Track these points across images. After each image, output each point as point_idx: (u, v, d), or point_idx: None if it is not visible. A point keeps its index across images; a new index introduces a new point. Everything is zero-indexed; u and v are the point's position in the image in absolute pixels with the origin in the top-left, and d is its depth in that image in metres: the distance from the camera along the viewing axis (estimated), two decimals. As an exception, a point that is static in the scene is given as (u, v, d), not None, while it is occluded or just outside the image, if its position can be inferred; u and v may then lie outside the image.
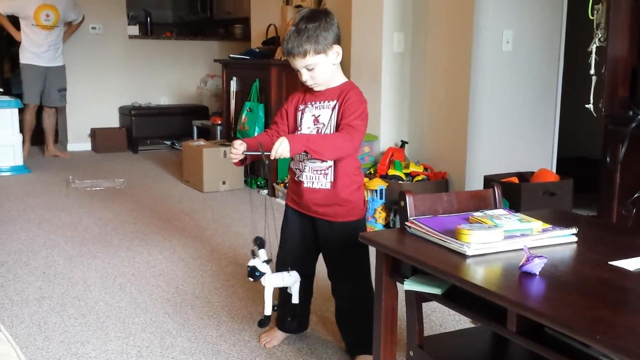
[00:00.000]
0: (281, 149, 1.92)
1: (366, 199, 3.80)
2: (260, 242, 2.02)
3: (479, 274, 1.39)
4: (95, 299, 2.86)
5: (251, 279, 2.03)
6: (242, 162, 2.15)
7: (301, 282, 2.32)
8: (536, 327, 1.28)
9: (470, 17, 3.82)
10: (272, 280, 2.05)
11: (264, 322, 2.10)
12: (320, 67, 2.05)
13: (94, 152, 7.13)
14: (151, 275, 3.17)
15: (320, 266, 2.35)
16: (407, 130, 4.41)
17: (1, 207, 4.52)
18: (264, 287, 2.06)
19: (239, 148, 2.08)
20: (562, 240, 1.57)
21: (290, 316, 2.34)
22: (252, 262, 2.01)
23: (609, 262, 1.42)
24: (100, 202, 4.70)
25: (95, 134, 7.15)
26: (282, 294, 2.22)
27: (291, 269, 2.12)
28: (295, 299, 2.14)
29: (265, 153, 1.98)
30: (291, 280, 2.10)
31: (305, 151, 1.96)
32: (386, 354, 1.75)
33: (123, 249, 3.59)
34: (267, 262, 2.01)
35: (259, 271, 2.00)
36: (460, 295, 1.49)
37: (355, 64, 4.46)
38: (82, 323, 2.60)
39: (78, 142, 7.24)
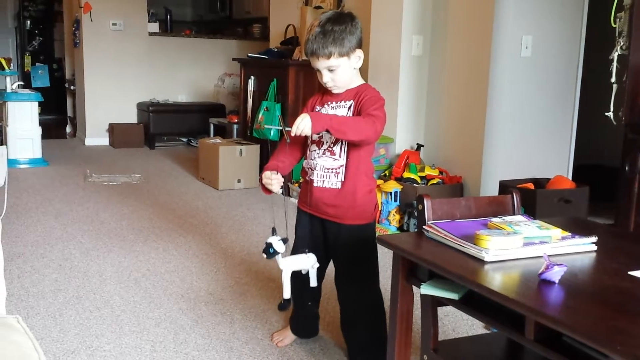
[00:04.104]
0: (302, 124, 1.88)
1: (378, 203, 3.79)
2: (275, 233, 1.99)
3: (497, 280, 1.38)
4: (111, 292, 2.89)
5: (264, 255, 1.98)
6: (270, 191, 2.13)
7: (309, 287, 2.30)
8: (554, 335, 1.27)
9: (489, 22, 3.81)
10: (290, 264, 2.02)
11: (284, 305, 2.05)
12: (341, 70, 2.05)
13: (111, 147, 7.19)
14: (166, 270, 3.19)
15: (332, 268, 2.35)
16: (423, 133, 4.40)
17: (19, 199, 4.57)
18: (281, 270, 2.02)
19: (273, 178, 2.07)
20: (582, 249, 1.56)
21: (310, 300, 2.30)
22: (269, 239, 1.97)
23: (629, 272, 1.42)
24: (116, 196, 4.74)
25: (113, 129, 7.21)
26: (297, 283, 2.14)
27: (309, 251, 2.07)
28: (313, 282, 2.08)
29: (286, 129, 1.96)
30: (309, 263, 2.05)
31: (327, 130, 1.91)
32: (400, 358, 1.74)
33: (138, 243, 3.62)
34: (284, 240, 1.96)
35: (274, 249, 1.95)
36: (476, 301, 1.49)
37: (373, 66, 4.46)
38: (97, 316, 2.63)
39: (96, 137, 7.31)
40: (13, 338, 1.36)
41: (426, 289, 1.58)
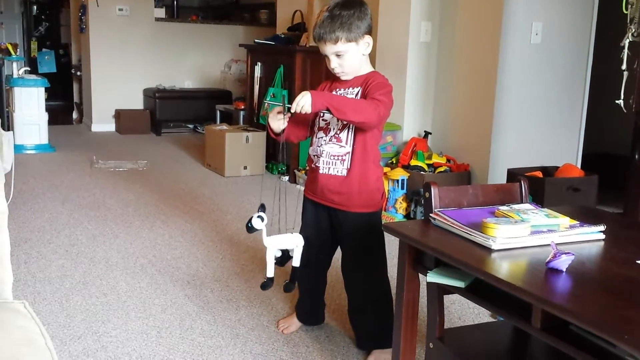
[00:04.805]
0: (303, 101, 1.88)
1: (385, 191, 3.78)
2: (263, 209, 1.94)
3: (504, 268, 1.37)
4: (117, 278, 2.90)
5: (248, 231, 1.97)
6: (278, 135, 2.09)
7: (315, 275, 2.29)
8: (561, 324, 1.26)
9: (499, 8, 3.77)
10: (273, 242, 1.98)
11: (266, 284, 2.02)
12: (349, 56, 2.03)
13: (117, 133, 7.19)
14: (172, 257, 3.20)
15: (339, 255, 2.34)
16: (431, 120, 4.38)
17: (26, 185, 4.58)
18: (265, 247, 1.99)
19: (278, 115, 2.04)
20: (590, 237, 1.54)
21: (289, 277, 2.27)
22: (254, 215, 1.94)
23: (637, 261, 1.40)
24: (122, 182, 4.75)
25: (119, 115, 7.21)
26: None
27: (300, 231, 2.04)
28: (295, 262, 2.03)
29: (287, 105, 1.96)
30: (293, 242, 2.01)
31: (327, 108, 1.90)
32: (406, 345, 1.74)
33: (145, 230, 3.62)
34: (261, 218, 1.91)
35: (251, 224, 1.92)
36: (483, 289, 1.48)
37: (381, 52, 4.43)
38: (104, 302, 2.64)
39: (102, 123, 7.31)
40: (20, 323, 1.36)
41: (432, 277, 1.57)
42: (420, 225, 1.71)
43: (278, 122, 2.05)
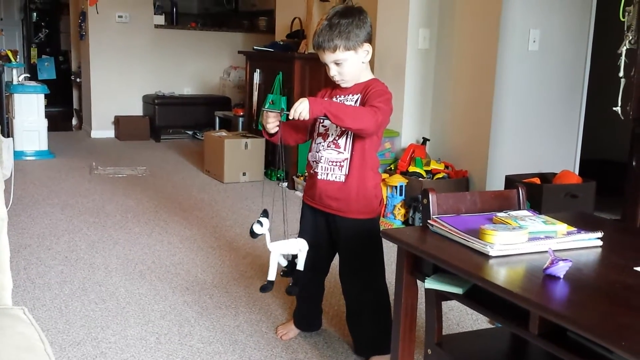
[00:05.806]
0: (300, 108, 1.89)
1: (383, 198, 3.79)
2: (264, 214, 1.96)
3: (501, 274, 1.38)
4: (116, 284, 2.90)
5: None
6: (273, 135, 2.11)
7: (313, 281, 2.28)
8: (558, 330, 1.27)
9: (497, 15, 3.79)
10: (278, 246, 1.99)
11: (266, 287, 2.01)
12: (348, 64, 2.04)
13: (117, 140, 7.20)
14: (171, 263, 3.20)
15: (337, 261, 2.35)
16: (429, 127, 4.39)
17: (25, 191, 4.58)
18: (269, 251, 1.99)
19: (271, 116, 2.06)
20: (587, 244, 1.55)
21: (292, 281, 2.27)
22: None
23: (634, 268, 1.41)
24: (122, 189, 4.75)
25: (118, 121, 7.22)
26: (292, 265, 2.10)
27: (298, 237, 2.05)
28: (300, 266, 2.03)
29: (285, 112, 1.98)
30: (297, 246, 2.01)
31: (325, 114, 1.91)
32: (404, 352, 1.75)
33: (144, 236, 3.63)
34: (260, 223, 1.93)
35: (252, 229, 1.94)
36: (481, 295, 1.49)
37: (380, 59, 4.45)
38: (103, 308, 2.64)
39: (101, 129, 7.32)
40: (19, 329, 1.37)
41: (430, 284, 1.58)
42: (418, 231, 1.72)
43: (271, 125, 2.06)
